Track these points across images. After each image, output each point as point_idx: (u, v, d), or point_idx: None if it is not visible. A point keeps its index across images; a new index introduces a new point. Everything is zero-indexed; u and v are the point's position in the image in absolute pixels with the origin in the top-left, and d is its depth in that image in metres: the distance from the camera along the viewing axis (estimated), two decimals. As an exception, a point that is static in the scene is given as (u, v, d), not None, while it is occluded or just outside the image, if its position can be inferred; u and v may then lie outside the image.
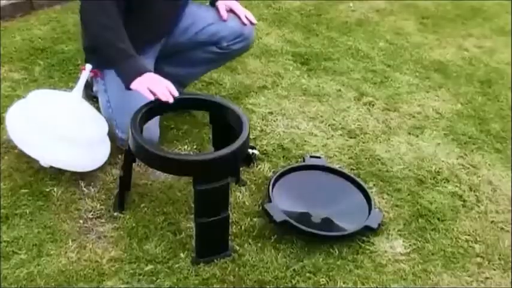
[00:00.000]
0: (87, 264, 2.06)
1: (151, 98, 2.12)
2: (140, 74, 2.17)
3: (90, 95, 2.65)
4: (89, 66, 2.43)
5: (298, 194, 2.41)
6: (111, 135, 2.46)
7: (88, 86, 2.56)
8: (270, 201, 2.29)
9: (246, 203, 2.38)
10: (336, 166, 2.59)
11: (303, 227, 2.21)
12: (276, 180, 2.42)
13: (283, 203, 2.30)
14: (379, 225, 2.29)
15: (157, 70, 2.63)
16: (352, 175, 2.51)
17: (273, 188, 2.36)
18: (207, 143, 2.66)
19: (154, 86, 2.13)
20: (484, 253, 2.27)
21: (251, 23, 2.62)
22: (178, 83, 2.72)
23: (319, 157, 2.62)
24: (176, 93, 2.14)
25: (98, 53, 2.36)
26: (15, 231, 2.16)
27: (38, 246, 2.11)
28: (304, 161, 2.59)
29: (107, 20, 2.23)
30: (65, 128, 2.34)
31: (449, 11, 4.39)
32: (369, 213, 2.33)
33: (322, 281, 2.09)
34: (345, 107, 3.06)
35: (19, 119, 2.40)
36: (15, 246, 2.10)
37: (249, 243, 2.20)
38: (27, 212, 2.24)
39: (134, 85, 2.16)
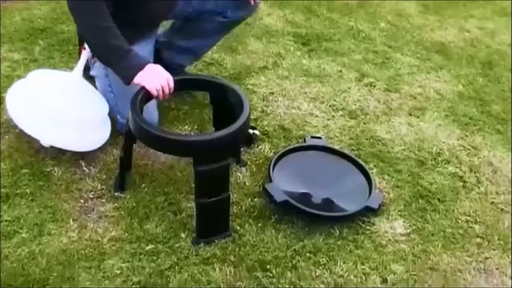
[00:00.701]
0: (88, 244, 2.07)
1: (155, 94, 2.12)
2: (140, 67, 2.14)
3: (88, 76, 2.63)
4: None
5: (299, 174, 2.41)
6: (112, 116, 2.46)
7: (86, 67, 2.54)
8: (270, 181, 2.30)
9: (247, 183, 2.38)
10: (336, 147, 2.59)
11: (304, 207, 2.22)
12: (277, 160, 2.42)
13: (284, 183, 2.31)
14: (379, 205, 2.30)
15: (167, 43, 2.68)
16: (353, 156, 2.51)
17: (273, 168, 2.37)
18: (208, 123, 2.65)
19: (155, 79, 2.12)
20: (483, 234, 2.27)
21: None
22: (193, 54, 2.76)
23: (319, 137, 2.62)
24: (172, 86, 2.15)
25: (92, 52, 2.35)
26: (16, 211, 2.16)
27: (39, 226, 2.11)
28: (304, 141, 2.58)
29: (97, 21, 2.17)
30: (65, 108, 2.34)
31: (451, -8, 4.37)
32: (370, 193, 2.33)
33: (323, 261, 2.09)
34: (345, 87, 3.05)
35: (19, 99, 2.39)
36: (16, 226, 2.10)
37: (250, 224, 2.20)
38: (28, 192, 2.24)
39: (136, 80, 2.14)
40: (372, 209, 2.28)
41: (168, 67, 2.62)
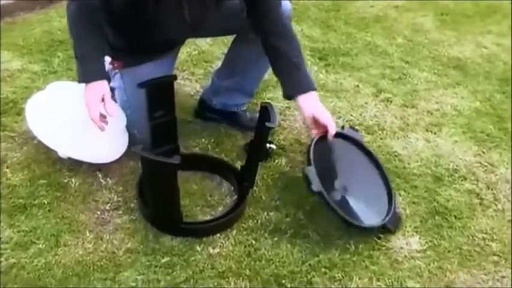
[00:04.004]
0: (103, 255, 2.08)
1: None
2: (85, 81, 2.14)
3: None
4: (108, 59, 2.44)
5: (327, 163, 2.33)
6: (129, 128, 2.47)
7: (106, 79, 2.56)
8: (309, 164, 2.18)
9: (263, 197, 2.38)
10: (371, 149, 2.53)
11: (336, 208, 2.15)
12: (316, 143, 2.27)
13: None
14: (396, 228, 2.28)
15: (214, 90, 2.70)
16: (381, 164, 2.45)
17: (313, 152, 2.22)
18: (224, 137, 2.66)
19: (91, 104, 2.12)
20: (500, 252, 2.25)
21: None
22: (241, 90, 2.70)
23: (357, 130, 2.58)
24: (112, 114, 2.15)
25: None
26: (33, 221, 2.18)
27: (55, 237, 2.13)
28: (343, 128, 2.51)
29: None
30: (83, 120, 2.35)
31: (468, 8, 4.36)
32: (388, 211, 2.30)
33: (338, 276, 2.09)
34: (362, 103, 3.05)
35: (38, 110, 2.42)
36: (33, 236, 2.12)
37: (265, 238, 2.20)
38: (45, 203, 2.26)
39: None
40: (388, 229, 2.26)
41: (224, 112, 2.68)
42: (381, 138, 2.80)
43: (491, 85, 3.37)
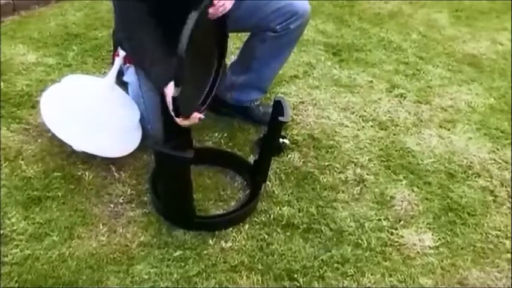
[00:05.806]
0: (117, 248, 2.09)
1: None
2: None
3: (121, 81, 2.66)
4: (122, 53, 2.45)
5: None
6: (143, 123, 2.48)
7: (120, 73, 2.56)
8: None
9: (276, 192, 2.38)
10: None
11: None
12: None
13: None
14: None
15: (228, 85, 2.65)
16: None
17: None
18: (237, 131, 2.67)
19: None
20: (514, 249, 2.25)
21: None
22: (259, 89, 2.71)
23: None
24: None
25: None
26: (47, 214, 2.19)
27: (69, 229, 2.14)
28: None
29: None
30: (97, 113, 2.37)
31: (483, 4, 4.33)
32: None
33: (350, 271, 2.09)
34: (376, 98, 3.04)
35: (53, 103, 2.43)
36: (47, 228, 2.13)
37: (278, 232, 2.21)
38: (59, 195, 2.27)
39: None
40: None
41: (237, 107, 2.68)
42: (394, 134, 2.79)
43: (506, 82, 3.34)
